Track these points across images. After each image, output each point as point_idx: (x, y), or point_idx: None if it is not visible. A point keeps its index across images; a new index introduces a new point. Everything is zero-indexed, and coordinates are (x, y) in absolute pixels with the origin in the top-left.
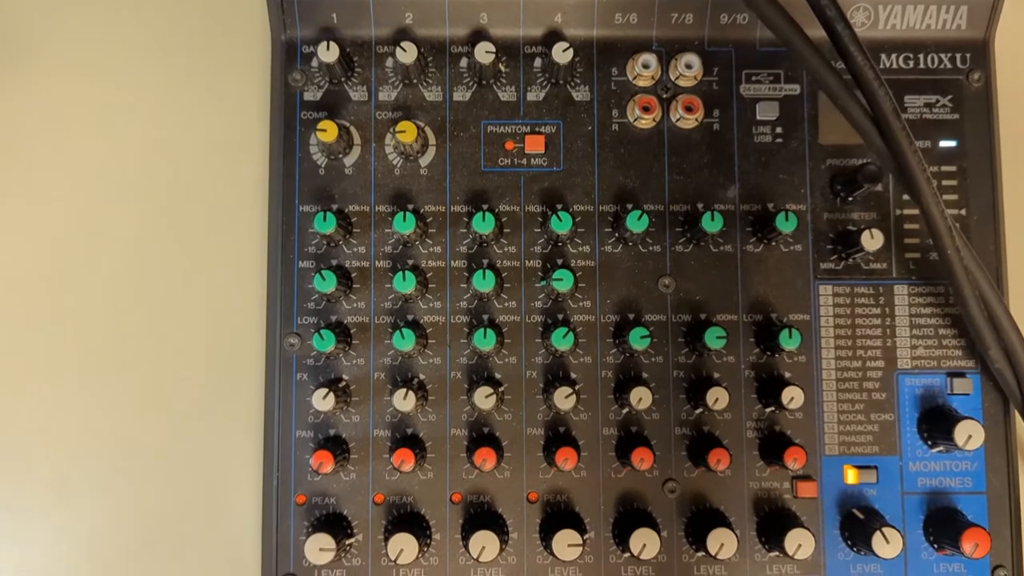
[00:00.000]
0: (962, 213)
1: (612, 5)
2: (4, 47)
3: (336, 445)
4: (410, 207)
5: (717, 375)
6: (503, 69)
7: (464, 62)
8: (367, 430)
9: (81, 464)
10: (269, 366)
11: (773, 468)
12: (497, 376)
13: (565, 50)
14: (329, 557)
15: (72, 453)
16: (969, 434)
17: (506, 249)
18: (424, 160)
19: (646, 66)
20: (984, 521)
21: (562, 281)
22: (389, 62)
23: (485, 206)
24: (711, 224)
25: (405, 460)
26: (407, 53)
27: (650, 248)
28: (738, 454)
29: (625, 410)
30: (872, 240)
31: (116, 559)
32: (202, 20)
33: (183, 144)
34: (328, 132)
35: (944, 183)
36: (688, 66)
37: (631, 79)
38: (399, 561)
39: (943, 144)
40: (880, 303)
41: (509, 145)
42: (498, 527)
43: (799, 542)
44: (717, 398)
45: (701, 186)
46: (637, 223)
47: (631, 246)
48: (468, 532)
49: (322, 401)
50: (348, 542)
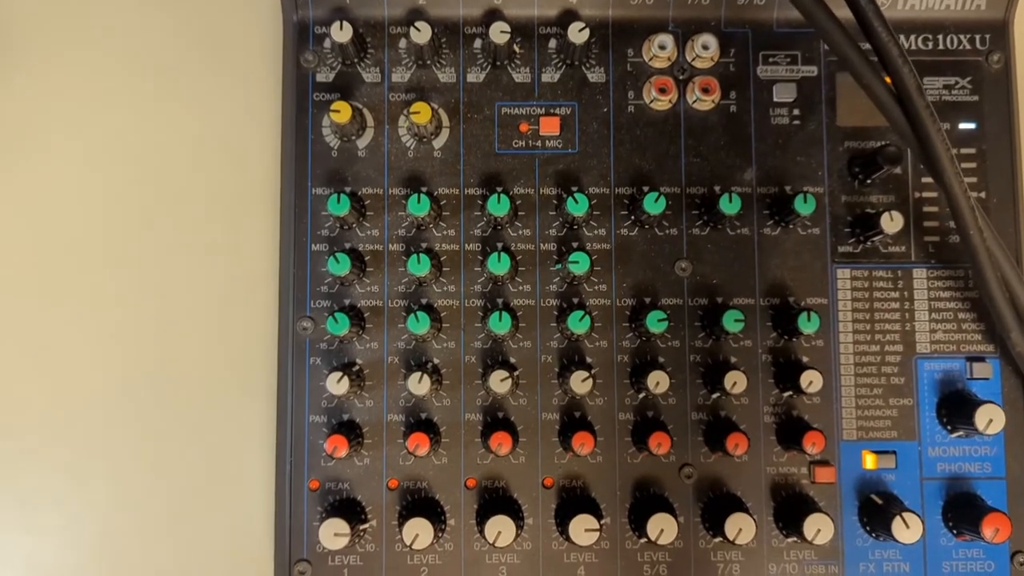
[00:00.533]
0: (982, 196)
1: None
2: (16, 26)
3: (350, 430)
4: (424, 189)
5: (734, 359)
6: (518, 50)
7: (478, 43)
8: (381, 414)
9: (93, 450)
10: (282, 350)
11: (791, 453)
12: (512, 360)
13: (581, 30)
14: (344, 542)
15: (84, 439)
16: (990, 418)
17: (521, 232)
18: (438, 142)
19: (662, 47)
20: (1004, 506)
21: (578, 264)
22: (402, 43)
23: (500, 188)
24: (728, 206)
25: (420, 445)
26: (421, 33)
27: (667, 231)
28: (755, 439)
29: (642, 394)
30: (892, 222)
31: (128, 544)
32: (214, 1)
33: (195, 126)
34: (342, 113)
35: (963, 166)
36: (705, 47)
37: (647, 60)
38: (414, 547)
39: (962, 126)
40: (899, 287)
41: (524, 127)
42: (513, 512)
43: (818, 527)
44: (735, 382)
45: (718, 168)
46: (654, 205)
47: (647, 229)
48: (483, 517)
49: (336, 385)
50: (362, 527)
